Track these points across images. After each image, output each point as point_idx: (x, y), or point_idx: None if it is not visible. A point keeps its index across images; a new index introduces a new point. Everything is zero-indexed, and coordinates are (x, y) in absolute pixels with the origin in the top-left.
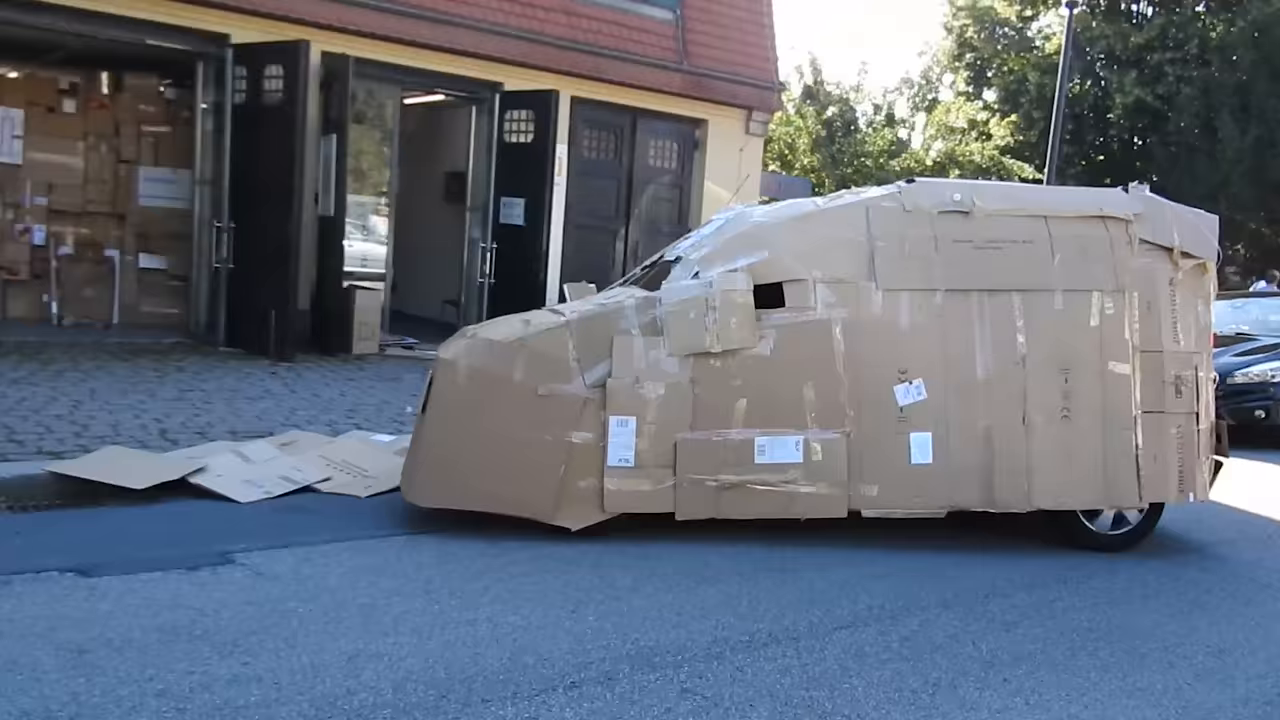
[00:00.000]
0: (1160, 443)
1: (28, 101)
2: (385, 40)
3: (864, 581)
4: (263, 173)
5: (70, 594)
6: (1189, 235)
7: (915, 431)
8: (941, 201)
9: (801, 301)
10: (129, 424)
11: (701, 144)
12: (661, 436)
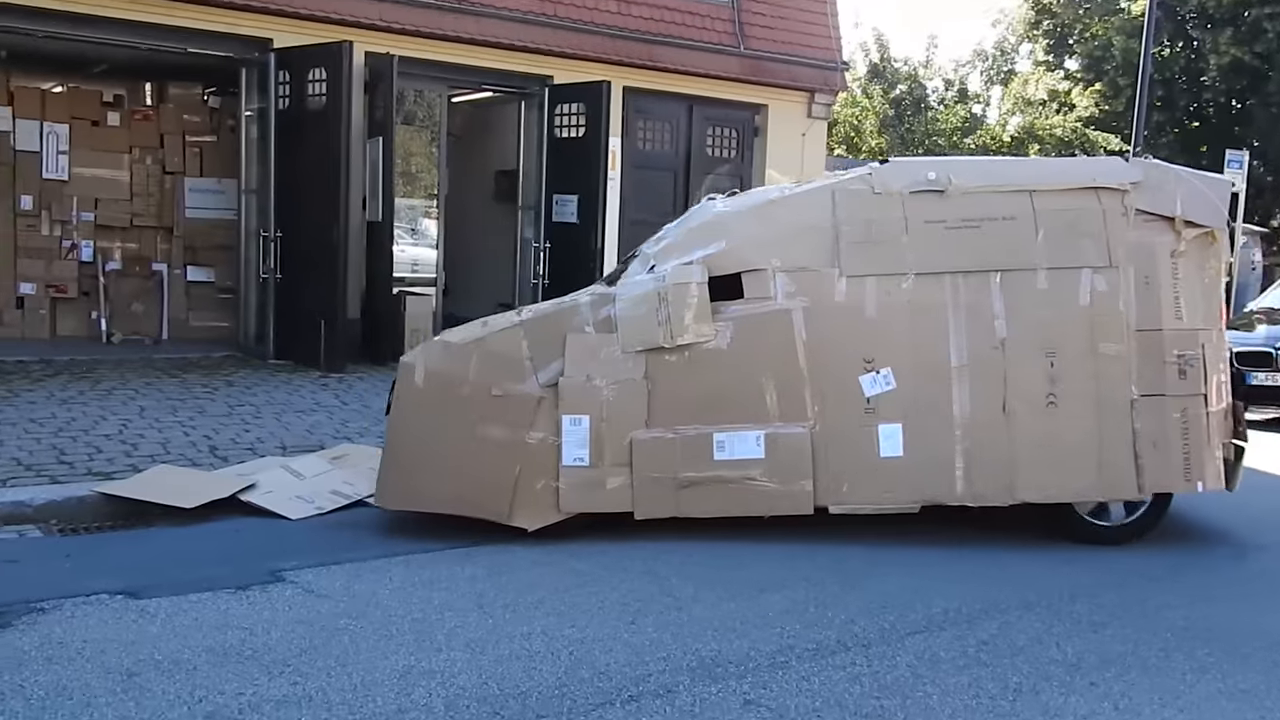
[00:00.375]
0: (1162, 428)
1: (72, 116)
2: (429, 37)
3: (938, 584)
4: (308, 179)
5: (120, 616)
6: (1194, 202)
7: (884, 423)
8: (914, 181)
9: (761, 292)
10: (178, 441)
11: (762, 130)
12: (617, 434)
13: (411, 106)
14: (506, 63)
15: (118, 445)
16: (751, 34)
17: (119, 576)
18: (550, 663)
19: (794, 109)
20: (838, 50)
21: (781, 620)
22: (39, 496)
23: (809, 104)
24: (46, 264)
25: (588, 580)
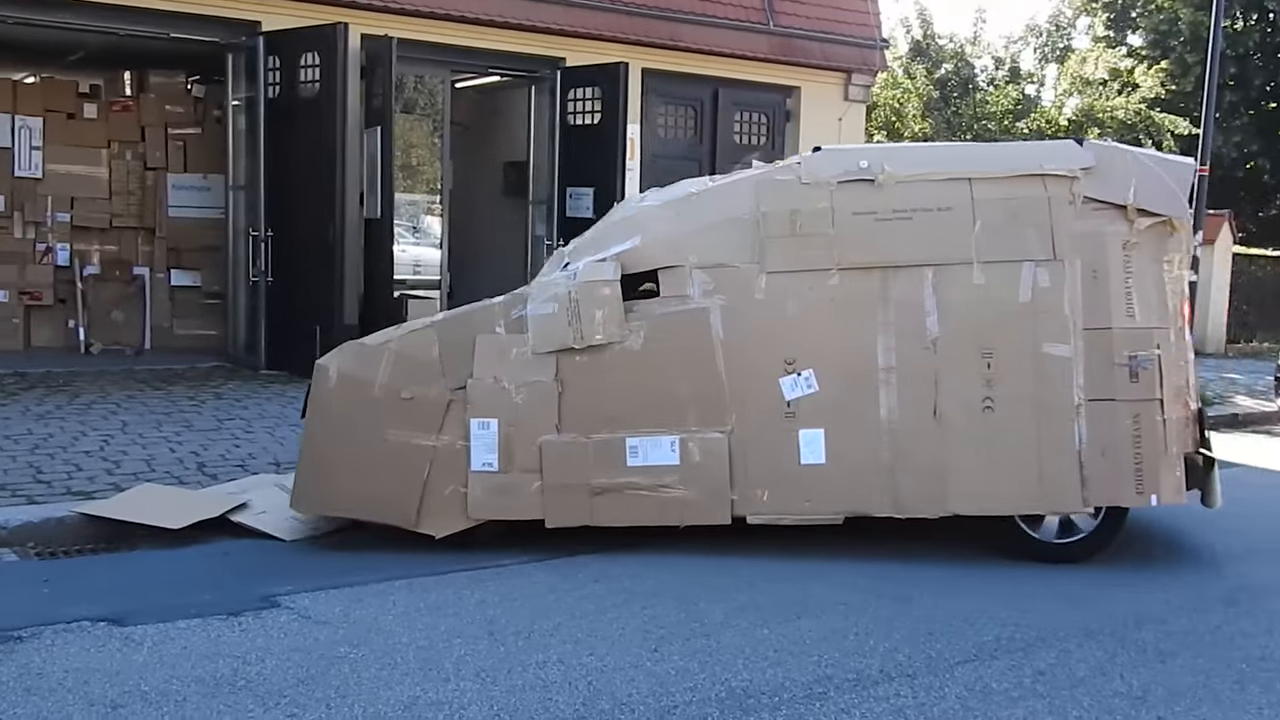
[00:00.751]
0: (1111, 435)
1: (46, 109)
2: (431, 17)
3: (992, 609)
4: (301, 174)
5: (103, 645)
6: (1149, 188)
7: (805, 428)
8: (845, 170)
9: (677, 290)
10: (164, 458)
11: (794, 114)
12: (526, 439)
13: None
14: (514, 44)
15: (99, 463)
16: (782, 10)
17: (102, 602)
18: (567, 693)
19: (829, 91)
20: (877, 27)
21: (819, 648)
22: (14, 518)
23: (845, 86)
24: (20, 269)
25: (608, 605)
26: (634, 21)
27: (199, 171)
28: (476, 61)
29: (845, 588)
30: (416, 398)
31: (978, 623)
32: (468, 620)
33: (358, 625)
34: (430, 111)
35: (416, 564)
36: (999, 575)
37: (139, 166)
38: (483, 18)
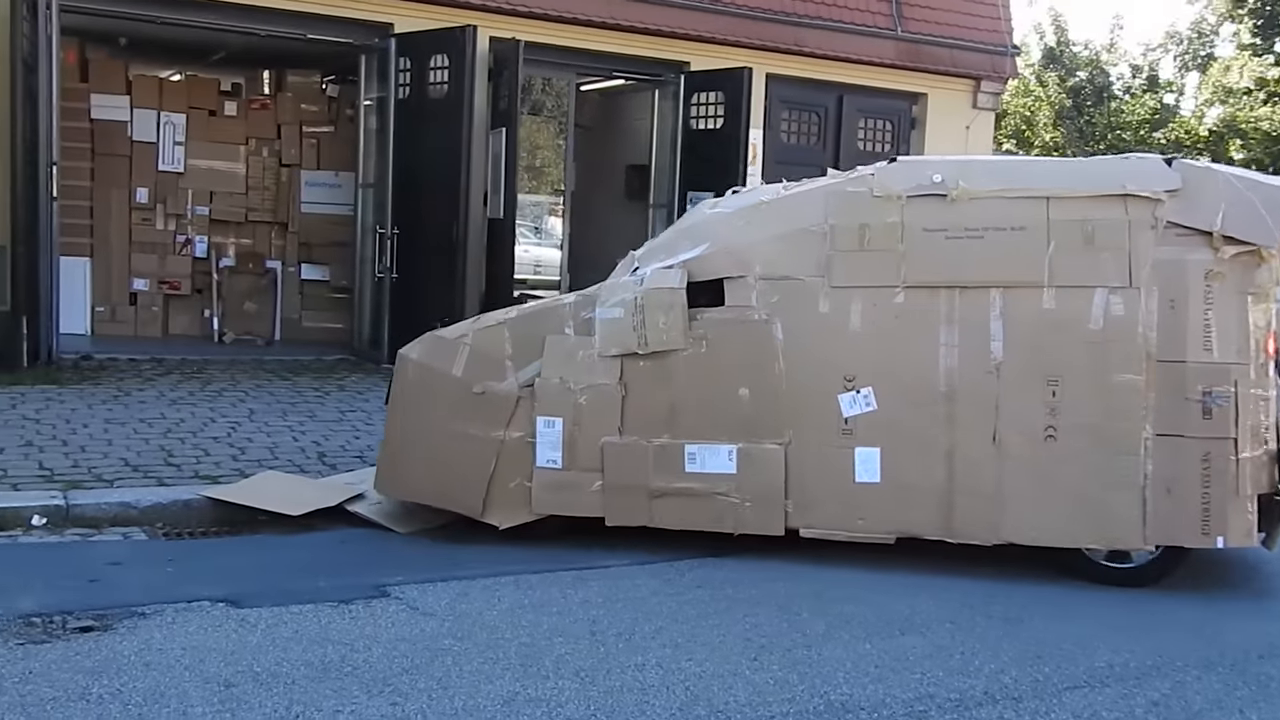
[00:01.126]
0: (1178, 473)
1: (189, 105)
2: (558, 21)
3: (1105, 634)
4: (427, 173)
5: (220, 625)
6: (1238, 214)
7: (861, 446)
8: (917, 184)
9: (742, 300)
10: (287, 446)
11: (920, 122)
12: (589, 439)
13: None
14: (639, 48)
15: (225, 448)
16: (910, 15)
17: (221, 584)
18: (664, 697)
19: (957, 99)
20: (1008, 33)
21: (922, 665)
22: (145, 499)
23: (974, 93)
24: (160, 259)
25: (711, 611)
26: (759, 26)
27: (331, 169)
28: (601, 65)
29: (954, 604)
30: (488, 392)
31: (1090, 647)
32: (571, 619)
33: (463, 618)
34: (556, 114)
35: (524, 561)
36: (1114, 599)
37: (274, 163)
38: (608, 21)
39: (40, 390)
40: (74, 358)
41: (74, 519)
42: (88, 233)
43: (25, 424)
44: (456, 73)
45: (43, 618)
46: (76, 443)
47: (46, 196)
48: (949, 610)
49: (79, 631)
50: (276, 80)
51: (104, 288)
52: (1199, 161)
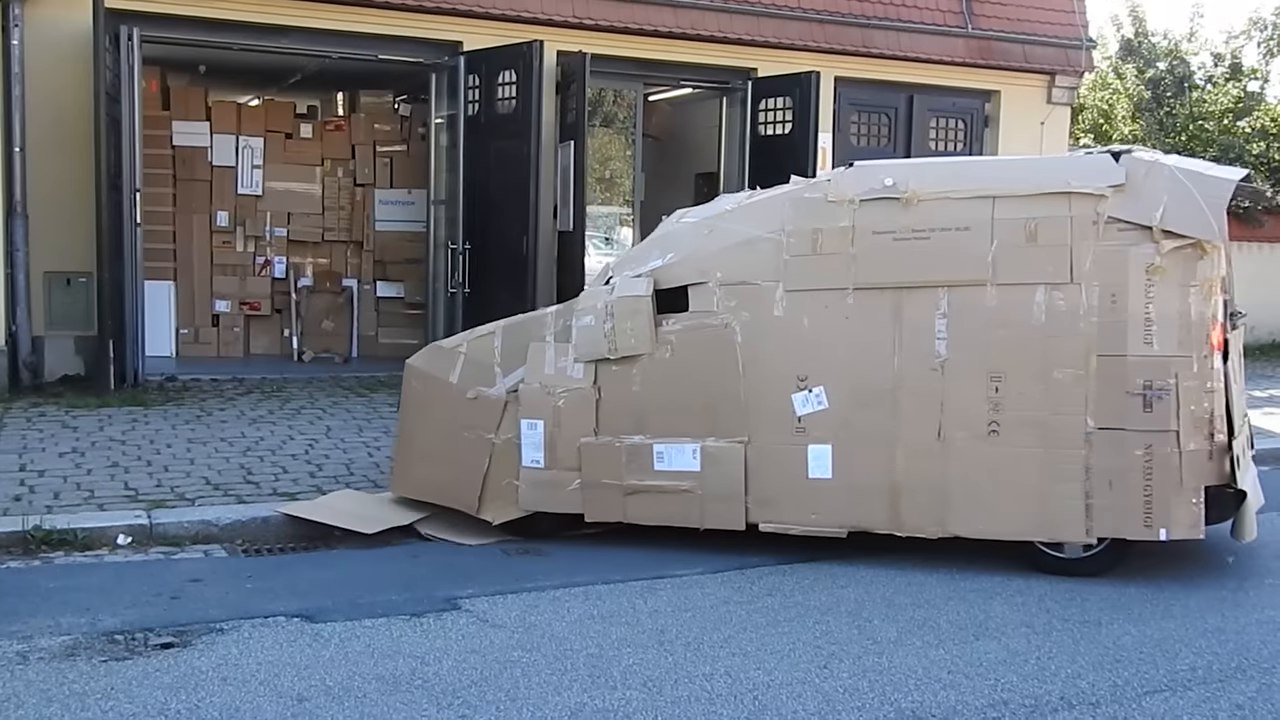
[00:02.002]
0: (1120, 466)
1: (267, 129)
2: (624, 33)
3: (1188, 636)
4: (498, 188)
5: (295, 639)
6: (1179, 209)
7: (814, 443)
8: (869, 189)
9: (704, 305)
10: (362, 462)
11: (993, 119)
12: (568, 440)
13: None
14: (706, 56)
15: (303, 465)
16: (981, 12)
17: (297, 599)
18: (732, 706)
19: (1031, 94)
20: (1083, 26)
21: (996, 671)
22: (225, 516)
23: (1049, 88)
24: (241, 281)
25: (780, 619)
26: (825, 29)
27: (404, 187)
28: (669, 74)
29: (1030, 609)
30: (480, 397)
31: (1171, 650)
32: (639, 629)
33: (532, 630)
34: (627, 125)
35: (594, 572)
36: (1199, 599)
37: (349, 183)
38: (675, 31)
39: (127, 412)
40: (159, 379)
41: (157, 537)
42: (171, 257)
43: (112, 445)
44: (524, 88)
45: (125, 634)
46: (160, 462)
47: (131, 223)
48: (1024, 615)
49: (160, 648)
50: (350, 101)
51: (187, 310)
52: (1149, 155)
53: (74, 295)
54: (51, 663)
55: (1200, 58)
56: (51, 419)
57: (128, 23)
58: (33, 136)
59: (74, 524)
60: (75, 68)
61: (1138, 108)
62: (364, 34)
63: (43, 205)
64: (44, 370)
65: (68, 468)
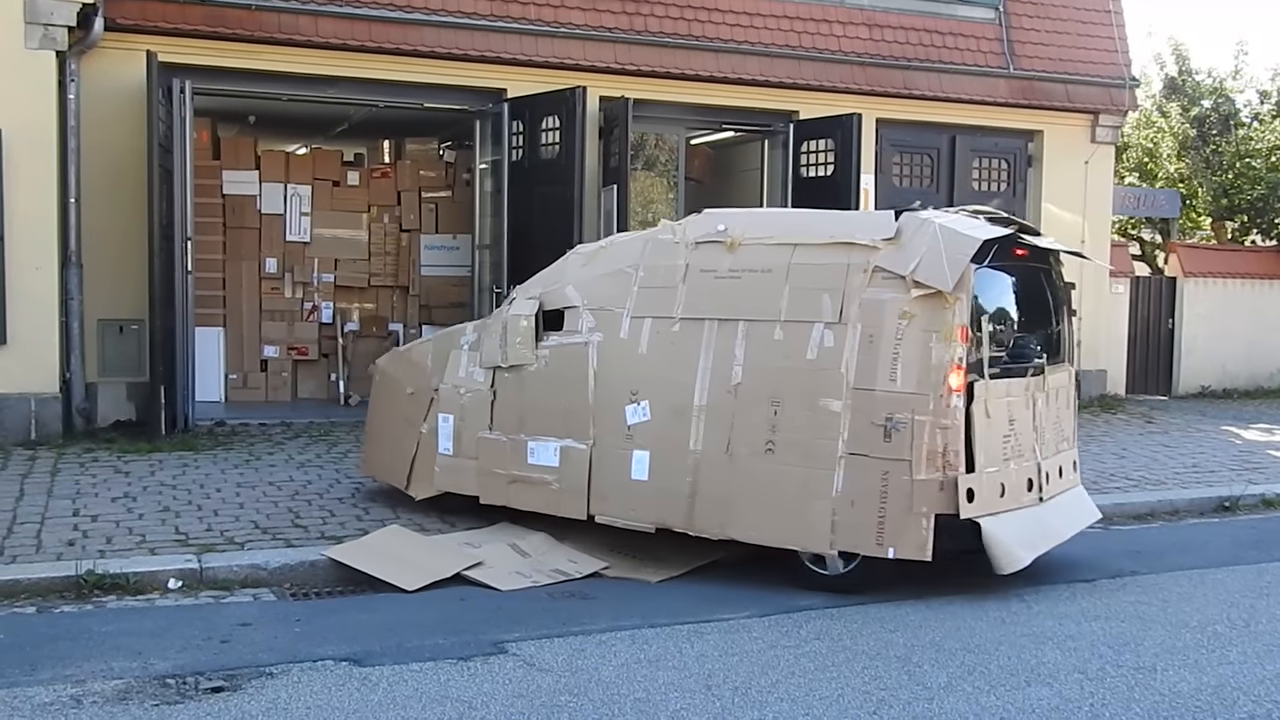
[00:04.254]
0: (861, 488)
1: (314, 177)
2: (666, 77)
3: (1246, 684)
4: (541, 232)
5: (344, 684)
6: (929, 262)
7: (637, 449)
8: (705, 232)
9: (573, 326)
10: (407, 505)
11: (1036, 159)
12: (470, 433)
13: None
14: (748, 99)
15: (349, 509)
16: (1023, 52)
17: (345, 643)
18: None
19: (1074, 134)
20: (1126, 65)
21: (1049, 718)
22: (274, 560)
23: (1092, 127)
24: (289, 326)
25: (828, 663)
26: (867, 72)
27: (449, 232)
28: (711, 118)
29: (1082, 654)
30: (415, 393)
31: (1229, 698)
32: (686, 673)
33: (580, 674)
34: (669, 168)
35: (641, 615)
36: (1246, 649)
37: (395, 229)
38: (716, 75)
39: (177, 457)
40: (208, 424)
41: (207, 581)
42: (220, 303)
43: (163, 490)
44: (568, 133)
45: (176, 678)
46: (210, 507)
47: (182, 271)
48: (1077, 660)
49: (210, 692)
50: (396, 149)
51: (236, 356)
52: (927, 214)
53: (126, 342)
54: (105, 706)
55: (1246, 95)
56: (104, 464)
57: (180, 76)
58: (87, 187)
59: (126, 568)
60: (129, 120)
61: (1183, 146)
62: (410, 83)
63: (96, 254)
64: (97, 416)
65: (120, 512)
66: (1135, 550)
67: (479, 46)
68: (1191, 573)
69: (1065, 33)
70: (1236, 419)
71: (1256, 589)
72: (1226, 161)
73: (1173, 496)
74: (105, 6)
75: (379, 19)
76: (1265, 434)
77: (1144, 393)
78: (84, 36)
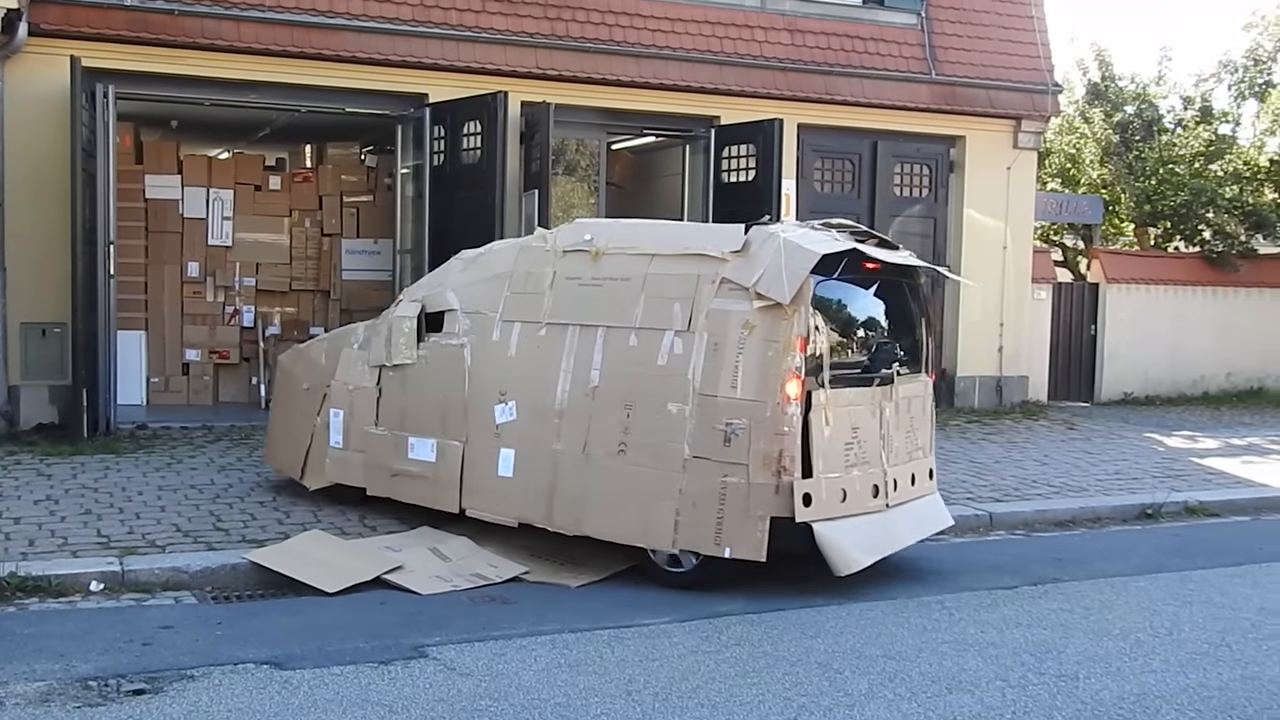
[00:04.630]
0: (703, 490)
1: (236, 181)
2: (587, 83)
3: (1168, 692)
4: (462, 236)
5: (264, 686)
6: (770, 275)
7: (504, 447)
8: (573, 241)
9: (451, 328)
10: (328, 509)
11: (958, 164)
12: (358, 427)
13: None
14: (669, 105)
15: (271, 512)
16: (945, 58)
17: (266, 646)
18: None
19: (996, 139)
20: (1048, 71)
21: None
22: (195, 563)
23: (1014, 133)
24: (210, 330)
25: (749, 669)
26: (788, 77)
27: (370, 236)
28: (632, 123)
29: (1004, 662)
30: (311, 388)
31: (1152, 707)
32: (607, 679)
33: (500, 679)
34: (590, 173)
35: (561, 620)
36: (1180, 653)
37: (316, 233)
38: (638, 80)
39: (99, 460)
40: (130, 427)
41: (129, 584)
42: (142, 307)
43: (85, 493)
44: (489, 138)
45: (99, 680)
46: (132, 510)
47: (104, 274)
48: (999, 668)
49: (132, 694)
50: (318, 153)
51: (158, 359)
52: (776, 228)
53: (49, 345)
54: (27, 709)
55: (1169, 101)
56: (27, 466)
57: (103, 80)
58: (11, 191)
59: (48, 571)
60: (52, 124)
61: (1106, 151)
62: (332, 88)
63: (20, 258)
64: (19, 419)
65: (42, 515)
66: (1057, 557)
67: (400, 51)
68: (1114, 580)
69: (987, 39)
70: (1159, 426)
71: (1179, 597)
72: (1150, 167)
73: (1095, 504)
74: (29, 11)
75: (301, 24)
76: (1188, 441)
77: (1066, 399)
78: (8, 42)
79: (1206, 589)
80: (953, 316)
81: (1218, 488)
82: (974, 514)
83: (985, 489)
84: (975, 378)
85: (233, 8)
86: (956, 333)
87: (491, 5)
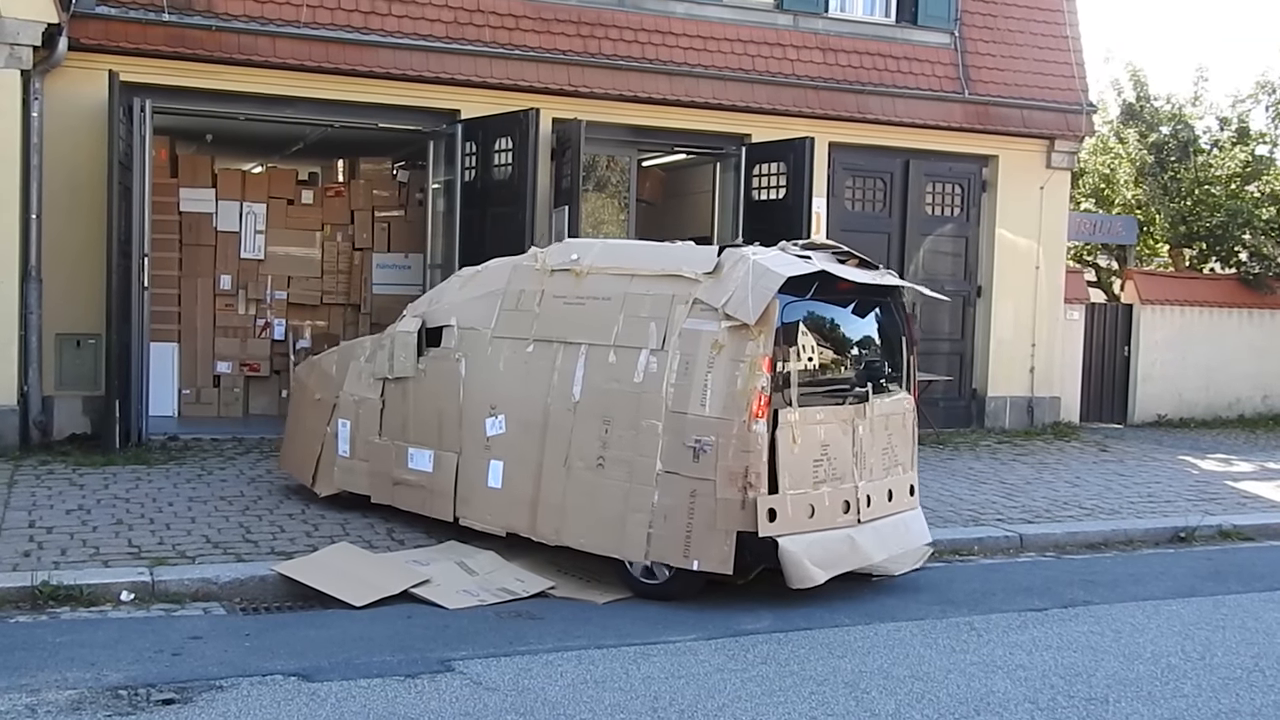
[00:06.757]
0: (674, 504)
1: (270, 195)
2: (618, 100)
3: (1201, 719)
4: (493, 251)
5: (292, 698)
6: (738, 296)
7: (494, 459)
8: (561, 261)
9: (448, 343)
10: (356, 522)
11: (991, 184)
12: (363, 437)
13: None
14: (700, 122)
15: (300, 525)
16: (978, 77)
17: (294, 658)
18: None
19: (1030, 159)
20: (1083, 90)
21: None
22: (225, 574)
23: (1048, 153)
24: (242, 342)
25: (775, 688)
26: (820, 95)
27: (401, 251)
28: (662, 140)
29: (1033, 684)
30: (322, 399)
31: None
32: (632, 695)
33: (526, 694)
34: (620, 190)
35: (588, 636)
36: (1212, 678)
37: (348, 247)
38: (669, 98)
39: (131, 470)
40: (162, 439)
41: (159, 594)
42: (175, 319)
43: (116, 503)
44: (520, 154)
45: (129, 690)
46: (162, 520)
47: (138, 286)
48: (1027, 690)
49: (161, 704)
50: (350, 168)
51: (190, 371)
52: (749, 250)
53: (83, 356)
54: (58, 716)
55: (1205, 121)
56: (60, 476)
57: (140, 95)
58: (48, 203)
59: (80, 580)
60: (90, 137)
61: (1140, 172)
62: (365, 103)
63: (56, 269)
64: (53, 429)
65: (74, 524)
66: (1088, 580)
67: (433, 68)
68: (1146, 604)
69: (1021, 58)
70: (1193, 448)
71: (1212, 621)
72: (1185, 188)
73: (1127, 526)
74: (69, 26)
75: (335, 40)
76: (1223, 464)
77: (1099, 421)
78: (48, 56)
79: (1240, 613)
80: (984, 336)
81: (1252, 511)
82: (1004, 535)
83: (1016, 510)
84: (1006, 398)
85: (269, 24)
86: (988, 353)
87: (524, 23)
